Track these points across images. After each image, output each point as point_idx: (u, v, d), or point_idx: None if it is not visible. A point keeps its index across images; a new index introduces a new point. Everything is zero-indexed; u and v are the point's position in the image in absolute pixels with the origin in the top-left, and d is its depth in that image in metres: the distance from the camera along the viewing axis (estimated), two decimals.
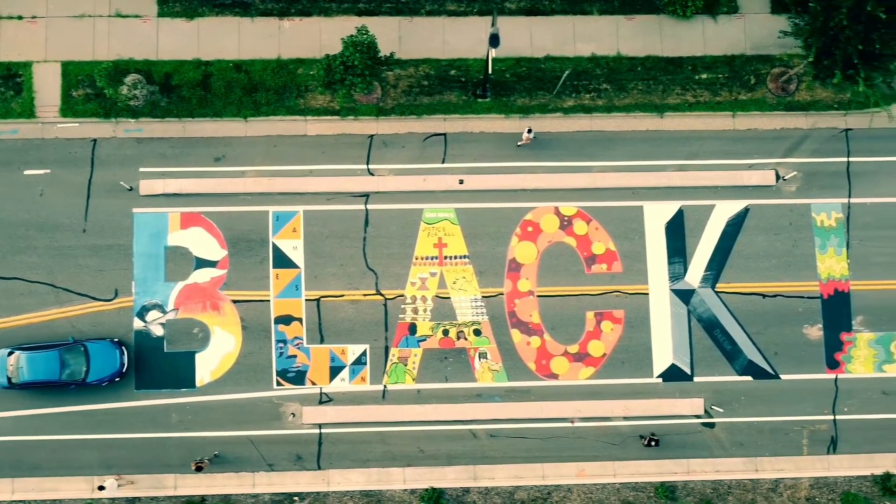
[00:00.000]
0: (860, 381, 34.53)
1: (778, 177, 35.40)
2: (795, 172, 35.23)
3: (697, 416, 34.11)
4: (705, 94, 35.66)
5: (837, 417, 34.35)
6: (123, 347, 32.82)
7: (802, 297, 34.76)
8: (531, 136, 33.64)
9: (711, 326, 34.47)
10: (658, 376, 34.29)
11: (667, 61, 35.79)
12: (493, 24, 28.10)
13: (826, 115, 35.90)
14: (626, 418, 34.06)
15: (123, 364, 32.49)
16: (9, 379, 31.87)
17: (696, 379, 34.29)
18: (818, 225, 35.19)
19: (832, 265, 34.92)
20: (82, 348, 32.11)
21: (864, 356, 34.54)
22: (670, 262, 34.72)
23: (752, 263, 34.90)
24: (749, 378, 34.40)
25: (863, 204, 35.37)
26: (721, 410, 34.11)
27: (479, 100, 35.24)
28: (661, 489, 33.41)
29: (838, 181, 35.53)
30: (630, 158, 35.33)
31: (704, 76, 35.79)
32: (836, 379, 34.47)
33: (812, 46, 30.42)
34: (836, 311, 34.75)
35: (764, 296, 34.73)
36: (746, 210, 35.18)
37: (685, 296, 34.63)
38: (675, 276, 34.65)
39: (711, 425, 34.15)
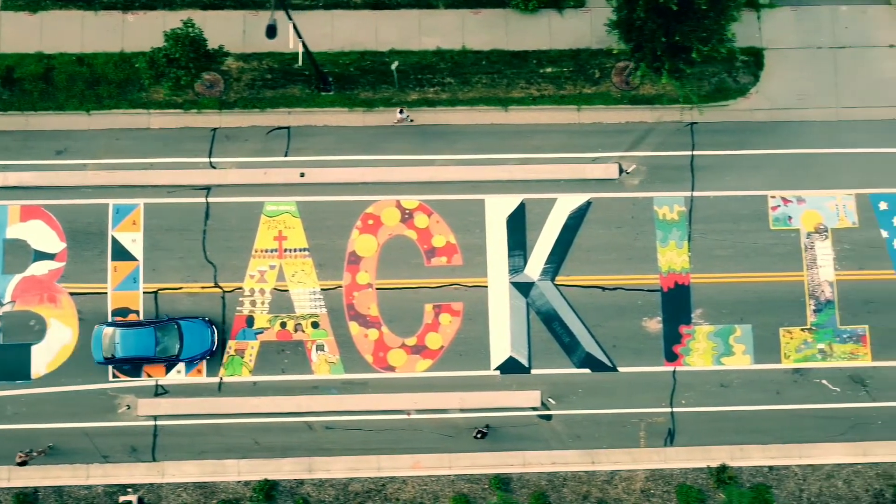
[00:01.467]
0: (698, 373, 34.87)
1: (621, 170, 35.61)
2: (635, 165, 35.56)
3: (534, 409, 34.39)
4: (550, 87, 35.98)
5: (675, 410, 34.68)
6: (214, 327, 33.55)
7: (642, 290, 35.07)
8: (403, 116, 33.86)
9: (550, 319, 34.76)
10: (496, 369, 34.59)
11: (512, 55, 36.11)
12: (271, 17, 28.23)
13: (672, 108, 36.16)
14: (462, 410, 34.34)
15: (214, 343, 33.43)
16: (105, 356, 32.92)
17: (533, 371, 34.60)
18: (660, 218, 35.51)
19: (673, 258, 35.23)
20: (176, 326, 33.11)
21: (702, 349, 34.86)
22: (510, 256, 35.03)
23: (593, 256, 35.23)
24: (587, 371, 34.72)
25: (705, 197, 35.73)
26: (553, 402, 34.19)
27: (323, 93, 35.53)
28: (495, 481, 33.68)
29: (682, 175, 35.88)
30: (473, 152, 35.67)
31: (549, 70, 36.11)
32: (674, 371, 34.78)
33: (627, 40, 30.64)
34: (676, 303, 35.09)
35: (604, 288, 35.03)
36: (589, 203, 35.51)
37: (524, 289, 34.94)
38: (515, 269, 34.97)
39: (548, 417, 34.45)
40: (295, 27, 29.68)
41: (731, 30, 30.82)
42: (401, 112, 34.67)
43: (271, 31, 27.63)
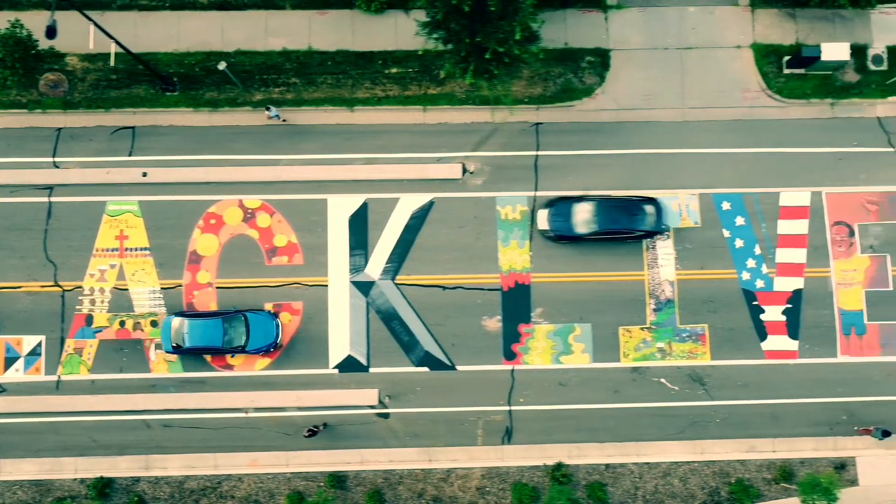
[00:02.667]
0: (537, 372, 35.26)
1: (465, 170, 35.95)
2: (479, 165, 36.47)
3: (372, 407, 34.71)
4: (395, 88, 36.41)
5: (513, 408, 35.06)
6: (279, 320, 34.00)
7: (483, 290, 35.46)
8: (272, 114, 34.25)
9: (390, 318, 35.15)
10: (334, 367, 35.02)
11: (357, 56, 36.52)
12: (50, 17, 28.50)
13: (518, 108, 36.50)
14: (300, 409, 34.69)
15: (278, 335, 34.07)
16: (174, 345, 33.63)
17: (372, 370, 35.00)
18: (502, 218, 35.91)
19: (514, 258, 35.63)
20: (243, 318, 33.86)
21: (541, 347, 35.24)
22: (352, 255, 35.46)
23: (435, 256, 35.64)
24: (426, 369, 35.14)
25: (548, 197, 35.96)
26: (390, 400, 34.53)
27: (167, 93, 35.78)
28: (330, 479, 34.00)
29: (525, 175, 36.31)
30: (318, 152, 36.10)
31: (394, 70, 36.52)
32: (512, 370, 35.17)
33: (445, 41, 31.01)
34: (516, 303, 35.50)
35: (444, 288, 35.43)
36: (431, 203, 35.94)
37: (365, 288, 35.34)
38: (356, 269, 35.37)
39: (386, 416, 34.84)
40: (100, 28, 29.95)
41: (536, 30, 31.08)
42: (268, 109, 35.04)
43: (51, 32, 27.88)
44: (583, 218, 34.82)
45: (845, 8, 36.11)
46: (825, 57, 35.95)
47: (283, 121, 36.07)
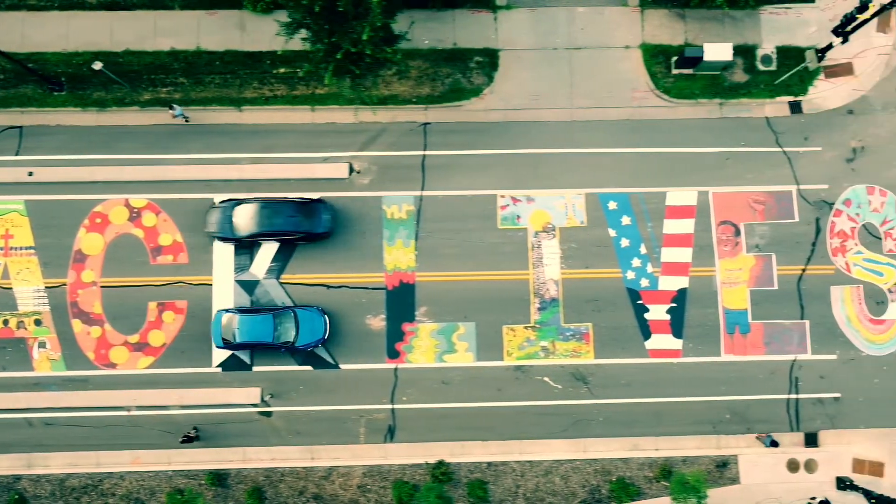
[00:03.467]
0: (420, 370, 35.55)
1: (351, 170, 36.16)
2: (366, 165, 36.87)
3: (254, 405, 34.90)
4: (283, 88, 36.74)
5: (396, 406, 35.34)
6: (326, 316, 34.79)
7: (367, 289, 35.75)
8: (176, 113, 34.58)
9: None
10: (217, 366, 35.32)
11: (246, 56, 36.87)
12: None
13: (406, 109, 36.71)
14: (183, 407, 34.88)
15: (326, 331, 34.67)
16: (225, 339, 34.07)
17: (255, 368, 35.31)
18: (388, 217, 36.22)
19: (399, 257, 35.89)
20: (293, 314, 34.41)
21: (425, 346, 35.52)
22: (237, 254, 35.62)
23: (320, 255, 36.02)
24: (309, 368, 35.38)
25: (435, 197, 36.42)
26: (271, 399, 34.78)
27: (55, 93, 36.00)
28: (210, 477, 34.24)
29: (412, 174, 36.61)
30: (205, 151, 36.39)
31: (282, 70, 36.82)
32: (396, 369, 35.48)
33: (311, 42, 31.28)
34: (400, 301, 35.81)
35: (329, 286, 35.75)
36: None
37: (249, 287, 35.64)
38: (241, 268, 35.68)
39: (269, 414, 35.12)
40: None
41: (402, 32, 31.35)
42: (172, 108, 35.27)
43: None
44: (243, 220, 34.89)
45: (722, 9, 36.38)
46: (708, 57, 36.26)
47: (187, 120, 36.25)
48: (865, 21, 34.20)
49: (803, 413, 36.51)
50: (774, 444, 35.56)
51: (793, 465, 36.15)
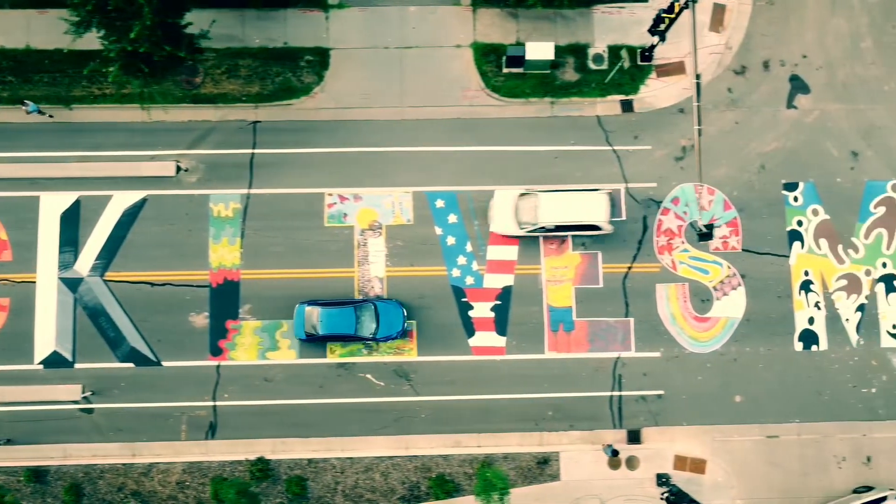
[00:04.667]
0: (243, 367, 36.07)
1: (179, 168, 36.46)
2: (194, 163, 37.26)
3: (75, 402, 35.19)
4: (112, 86, 36.92)
5: (218, 403, 35.74)
6: (404, 309, 35.60)
7: (191, 286, 36.15)
8: (29, 109, 35.55)
9: (97, 314, 35.86)
10: (39, 363, 35.65)
11: (76, 54, 37.12)
12: None
13: (236, 107, 37.07)
14: (3, 404, 35.07)
15: (405, 324, 35.69)
16: (308, 332, 35.17)
17: (77, 366, 35.78)
18: (214, 215, 36.60)
19: (225, 254, 36.31)
20: (373, 306, 35.31)
21: (248, 343, 35.92)
22: (62, 252, 36.17)
23: (145, 252, 36.37)
24: (131, 365, 35.76)
25: (262, 195, 36.82)
26: (92, 395, 35.11)
27: None
28: (28, 473, 34.60)
29: (240, 173, 37.08)
30: (32, 150, 36.71)
31: (112, 69, 36.76)
32: (218, 366, 35.87)
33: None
34: (224, 299, 36.30)
35: (153, 284, 36.10)
36: (144, 200, 36.49)
37: (73, 284, 36.06)
38: (65, 265, 36.09)
39: (90, 411, 35.50)
40: None
41: (200, 33, 31.71)
42: (25, 105, 35.51)
43: None
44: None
45: (553, 7, 36.72)
46: (529, 56, 36.68)
47: (51, 116, 36.42)
48: (672, 21, 34.59)
49: (626, 410, 36.91)
50: (615, 452, 35.89)
51: (614, 462, 36.48)
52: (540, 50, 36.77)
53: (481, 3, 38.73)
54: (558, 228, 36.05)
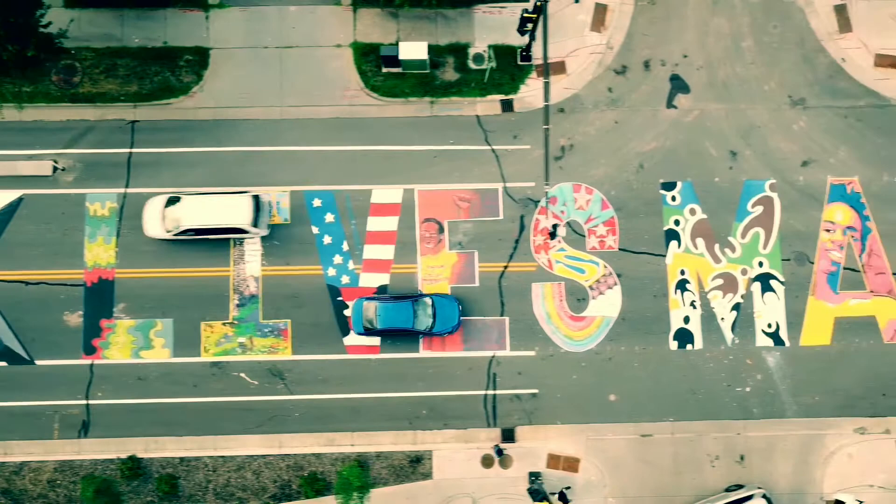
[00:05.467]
0: (116, 366, 36.43)
1: (56, 167, 36.63)
2: (71, 162, 37.42)
3: None
4: None
5: (90, 402, 36.04)
6: (459, 304, 36.30)
7: (66, 285, 36.45)
8: None
9: None
10: None
11: None
12: None
13: (115, 107, 37.30)
14: None
15: (460, 318, 36.36)
16: (365, 326, 35.93)
17: None
18: (91, 214, 36.92)
19: (100, 253, 36.59)
20: (430, 301, 35.98)
21: (122, 342, 36.24)
22: None
23: (20, 252, 36.71)
24: (4, 363, 35.92)
25: (139, 194, 37.24)
26: None
27: None
28: None
29: (118, 172, 37.47)
30: None
31: None
32: (91, 365, 36.06)
33: None
34: (99, 298, 36.65)
35: (27, 283, 36.38)
36: (20, 200, 36.58)
37: None
38: None
39: None
40: None
41: (54, 31, 31.90)
42: None
43: None
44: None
45: (425, 7, 36.98)
46: (402, 56, 36.95)
47: None
48: (535, 21, 34.75)
49: (501, 409, 37.12)
50: (500, 452, 36.08)
51: (487, 461, 36.74)
52: (413, 49, 37.00)
53: (361, 4, 38.99)
54: (204, 231, 36.12)
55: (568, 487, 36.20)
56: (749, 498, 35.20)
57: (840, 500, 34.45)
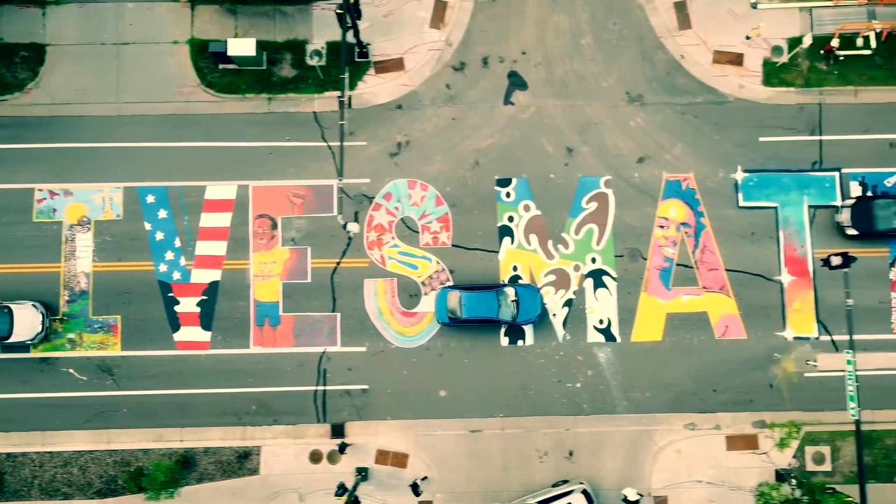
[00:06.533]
0: None
1: None
2: None
3: None
4: None
5: None
6: (540, 294, 37.05)
7: None
8: None
9: None
10: None
11: None
12: None
13: None
14: None
15: (543, 308, 36.92)
16: (450, 316, 36.34)
17: None
18: None
19: None
20: (514, 291, 36.71)
21: None
22: None
23: None
24: None
25: None
26: None
27: None
28: None
29: None
30: None
31: None
32: None
33: None
34: None
35: None
36: None
37: None
38: None
39: None
40: None
41: None
42: None
43: None
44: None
45: (267, 4, 37.32)
46: (231, 52, 37.30)
47: None
48: (342, 17, 34.73)
49: (330, 404, 37.42)
50: (343, 448, 36.22)
51: (316, 456, 37.03)
52: (242, 46, 37.26)
53: (199, 1, 39.20)
54: None
55: (424, 478, 36.37)
56: (570, 493, 35.44)
57: (625, 494, 34.68)
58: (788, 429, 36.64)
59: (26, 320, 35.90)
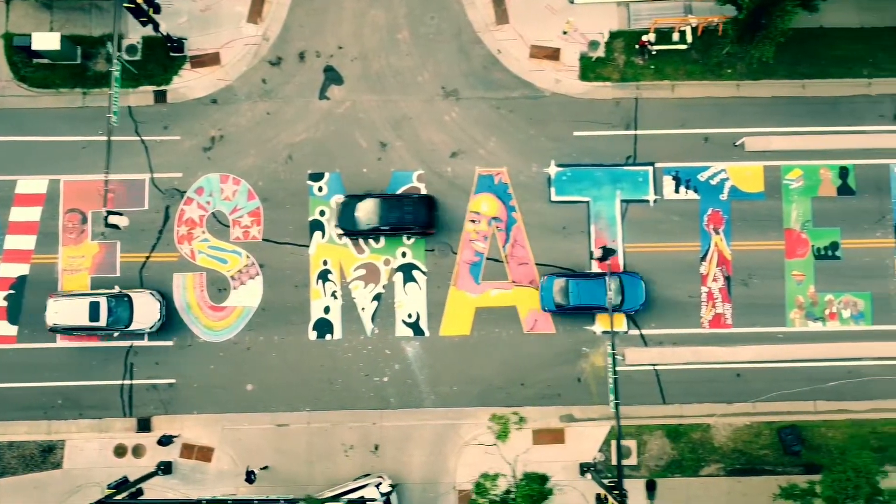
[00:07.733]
0: None
1: None
2: None
3: None
4: None
5: None
6: (644, 282, 37.33)
7: None
8: None
9: None
10: None
11: None
12: None
13: None
14: None
15: (646, 296, 37.38)
16: (557, 304, 36.94)
17: None
18: None
19: None
20: (619, 279, 37.20)
21: None
22: None
23: None
24: None
25: None
26: None
27: None
28: None
29: None
30: None
31: None
32: None
33: None
34: None
35: None
36: None
37: None
38: None
39: None
40: None
41: None
42: None
43: None
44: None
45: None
46: (36, 46, 37.56)
47: None
48: (136, 10, 34.86)
49: (137, 399, 37.67)
50: (167, 441, 36.31)
51: (120, 451, 37.30)
52: (46, 40, 37.44)
53: None
54: None
55: (265, 468, 36.42)
56: (365, 486, 35.59)
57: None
58: (506, 421, 36.75)
59: (145, 308, 36.56)
